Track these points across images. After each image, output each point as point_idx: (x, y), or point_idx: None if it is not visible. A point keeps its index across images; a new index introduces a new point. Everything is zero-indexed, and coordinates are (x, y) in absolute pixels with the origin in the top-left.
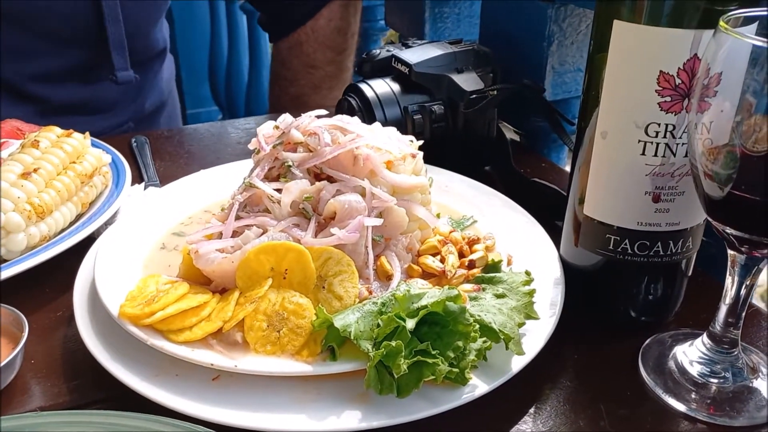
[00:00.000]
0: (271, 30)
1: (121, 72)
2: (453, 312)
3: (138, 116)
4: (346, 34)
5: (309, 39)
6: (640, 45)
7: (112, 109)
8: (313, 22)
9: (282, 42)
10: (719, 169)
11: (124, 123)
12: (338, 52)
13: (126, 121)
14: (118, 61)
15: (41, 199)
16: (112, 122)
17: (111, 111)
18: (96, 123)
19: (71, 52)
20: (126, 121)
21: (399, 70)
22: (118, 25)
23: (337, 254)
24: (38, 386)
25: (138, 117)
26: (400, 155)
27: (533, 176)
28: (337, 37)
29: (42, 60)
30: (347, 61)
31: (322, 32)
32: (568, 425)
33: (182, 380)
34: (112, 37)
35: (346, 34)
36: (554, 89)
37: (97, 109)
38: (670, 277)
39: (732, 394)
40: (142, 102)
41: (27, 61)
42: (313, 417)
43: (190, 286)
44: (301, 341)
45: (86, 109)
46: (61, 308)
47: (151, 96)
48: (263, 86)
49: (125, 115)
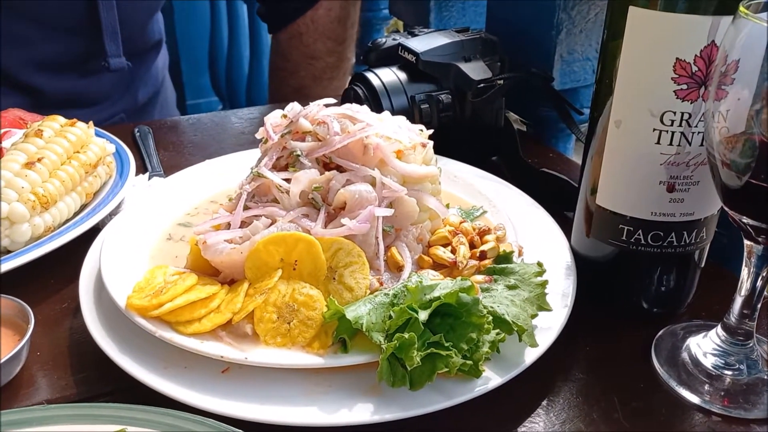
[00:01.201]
0: (271, 21)
1: (113, 59)
2: (466, 303)
3: (131, 108)
4: (346, 24)
5: (309, 30)
6: (656, 32)
7: (104, 101)
8: (313, 12)
9: (281, 33)
10: (737, 158)
11: (116, 114)
12: (338, 42)
13: (118, 113)
14: (111, 48)
15: (45, 189)
16: (104, 114)
17: (104, 103)
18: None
19: (65, 39)
20: (118, 112)
21: (406, 59)
22: (111, 12)
23: (348, 245)
24: (45, 378)
25: (131, 109)
26: (410, 144)
27: (541, 166)
28: (337, 27)
29: (36, 47)
30: (347, 51)
31: (322, 22)
32: (581, 418)
33: (191, 372)
34: (105, 24)
35: (345, 24)
36: (563, 78)
37: (90, 101)
38: (683, 268)
39: (746, 387)
40: (135, 93)
41: (21, 48)
42: (325, 410)
43: (199, 278)
44: (312, 333)
45: (80, 101)
46: (67, 299)
47: (144, 87)
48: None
49: (118, 106)
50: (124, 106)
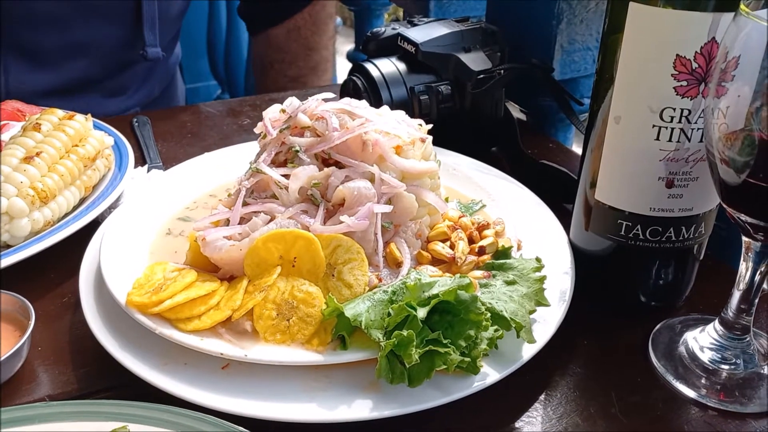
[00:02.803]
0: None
1: (150, 48)
2: (465, 301)
3: (145, 101)
4: (334, 20)
5: (307, 23)
6: (657, 28)
7: (125, 92)
8: (311, 7)
9: (278, 28)
10: (736, 156)
11: (132, 108)
12: (329, 36)
13: (134, 105)
14: (149, 38)
15: (44, 183)
16: (122, 106)
17: (123, 94)
18: (108, 107)
19: (103, 26)
20: (134, 105)
21: (405, 49)
22: (152, 4)
23: (347, 242)
24: (46, 374)
25: (145, 101)
26: (409, 140)
27: (540, 157)
28: (329, 22)
29: (73, 31)
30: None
31: (318, 17)
32: (578, 413)
33: (191, 369)
34: (147, 14)
35: (334, 20)
36: (563, 68)
37: (112, 91)
38: (682, 263)
39: (743, 381)
40: (152, 86)
41: (58, 31)
42: (324, 406)
43: (198, 274)
44: (311, 330)
45: (103, 90)
46: (67, 294)
47: (160, 81)
48: None
49: (135, 99)
50: (140, 99)
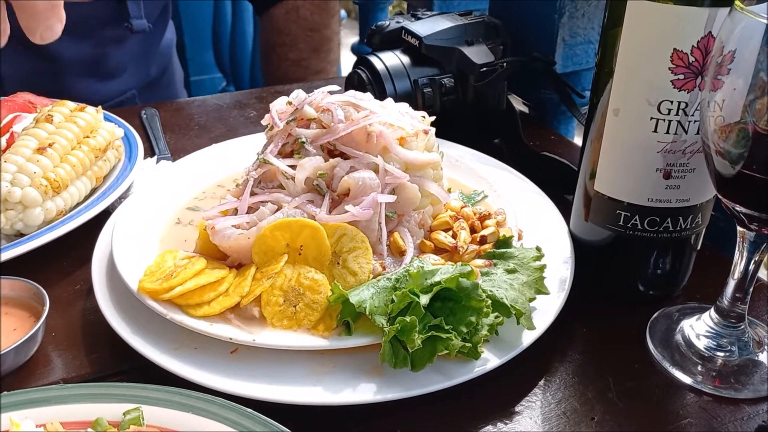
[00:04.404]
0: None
1: (135, 20)
2: (466, 288)
3: (142, 83)
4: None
5: (305, 2)
6: (654, 22)
7: (120, 74)
8: None
9: (276, 9)
10: (731, 148)
11: (129, 90)
12: (331, 15)
13: (131, 88)
14: (133, 9)
15: (57, 173)
16: (118, 89)
17: (119, 76)
18: (103, 89)
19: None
20: (131, 87)
21: (409, 43)
22: None
23: (352, 230)
24: (60, 359)
25: (142, 84)
26: (413, 131)
27: (542, 149)
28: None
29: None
30: (337, 24)
31: None
32: (576, 397)
33: (201, 353)
34: None
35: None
36: (564, 61)
37: (106, 72)
38: (679, 252)
39: (737, 368)
40: (147, 68)
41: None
42: (329, 390)
43: (207, 262)
44: (317, 316)
45: (97, 71)
46: (79, 281)
47: (155, 62)
48: None
49: (131, 81)
50: (137, 81)
